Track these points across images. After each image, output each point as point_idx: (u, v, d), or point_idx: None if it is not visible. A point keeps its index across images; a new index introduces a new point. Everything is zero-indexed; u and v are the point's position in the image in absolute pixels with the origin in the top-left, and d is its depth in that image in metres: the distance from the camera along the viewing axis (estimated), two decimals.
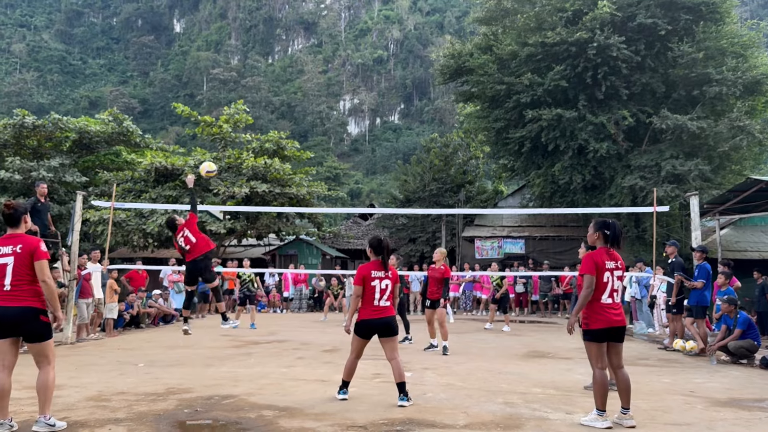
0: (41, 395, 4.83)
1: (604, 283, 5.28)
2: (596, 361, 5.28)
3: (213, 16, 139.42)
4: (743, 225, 21.77)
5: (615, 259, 5.41)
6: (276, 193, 21.89)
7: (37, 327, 4.81)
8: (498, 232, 24.18)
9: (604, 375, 5.26)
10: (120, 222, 20.24)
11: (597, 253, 5.41)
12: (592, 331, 5.29)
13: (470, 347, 11.10)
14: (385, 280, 6.10)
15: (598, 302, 5.29)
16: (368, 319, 6.08)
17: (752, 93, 19.40)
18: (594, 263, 5.31)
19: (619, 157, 19.85)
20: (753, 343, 9.24)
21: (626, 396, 5.29)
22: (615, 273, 5.34)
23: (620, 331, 5.33)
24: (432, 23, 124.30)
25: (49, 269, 4.99)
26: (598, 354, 5.29)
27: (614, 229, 5.45)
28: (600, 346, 5.29)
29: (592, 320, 5.29)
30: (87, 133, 24.20)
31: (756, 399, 6.60)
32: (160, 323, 15.31)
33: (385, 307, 6.10)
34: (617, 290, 5.35)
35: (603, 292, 5.28)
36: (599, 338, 5.28)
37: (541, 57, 19.87)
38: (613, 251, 5.45)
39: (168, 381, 7.19)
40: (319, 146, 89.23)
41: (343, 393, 6.17)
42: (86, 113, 43.83)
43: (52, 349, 4.95)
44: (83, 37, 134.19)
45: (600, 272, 5.29)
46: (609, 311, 5.26)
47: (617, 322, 5.27)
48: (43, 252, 4.90)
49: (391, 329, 6.11)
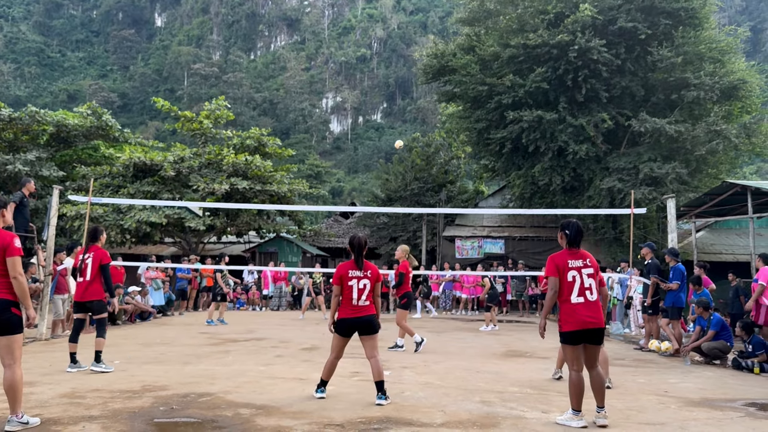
0: (10, 395, 4.71)
1: (569, 282, 5.23)
2: (571, 364, 5.25)
3: (195, 11, 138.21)
4: (718, 228, 22.12)
5: (582, 258, 5.34)
6: (257, 190, 21.78)
7: (6, 318, 4.68)
8: (478, 232, 24.29)
9: (580, 377, 5.22)
10: (97, 217, 19.99)
11: (558, 254, 5.38)
12: (565, 334, 5.25)
13: (449, 346, 11.14)
14: (363, 279, 6.08)
15: (568, 303, 5.23)
16: (347, 318, 6.07)
17: (729, 98, 19.71)
18: (555, 265, 5.28)
19: (598, 160, 20.05)
20: (726, 344, 9.39)
21: (600, 395, 5.27)
22: (584, 271, 5.26)
23: (595, 334, 5.21)
24: (415, 23, 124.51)
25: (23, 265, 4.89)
26: (572, 356, 5.24)
27: (572, 229, 5.41)
28: (574, 348, 5.22)
29: (564, 322, 5.24)
30: (65, 126, 23.86)
31: (728, 399, 6.70)
32: (137, 320, 15.14)
33: (365, 306, 6.07)
34: (590, 288, 5.24)
35: (571, 292, 5.21)
36: (573, 340, 5.21)
37: (523, 59, 19.99)
38: (582, 250, 5.40)
39: (144, 378, 7.13)
40: (300, 144, 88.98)
41: (320, 391, 6.15)
42: (64, 107, 43.29)
43: (20, 346, 4.81)
44: (62, 29, 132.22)
45: (563, 272, 5.25)
46: (581, 312, 5.16)
47: (591, 324, 5.15)
48: (16, 248, 4.78)
49: (371, 327, 6.08)
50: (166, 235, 23.30)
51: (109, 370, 7.57)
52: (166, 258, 22.87)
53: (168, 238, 24.55)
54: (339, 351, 6.17)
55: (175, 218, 20.67)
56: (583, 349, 5.25)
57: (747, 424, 5.52)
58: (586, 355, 5.28)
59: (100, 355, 7.68)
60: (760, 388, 7.53)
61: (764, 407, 6.37)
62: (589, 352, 5.28)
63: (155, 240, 22.36)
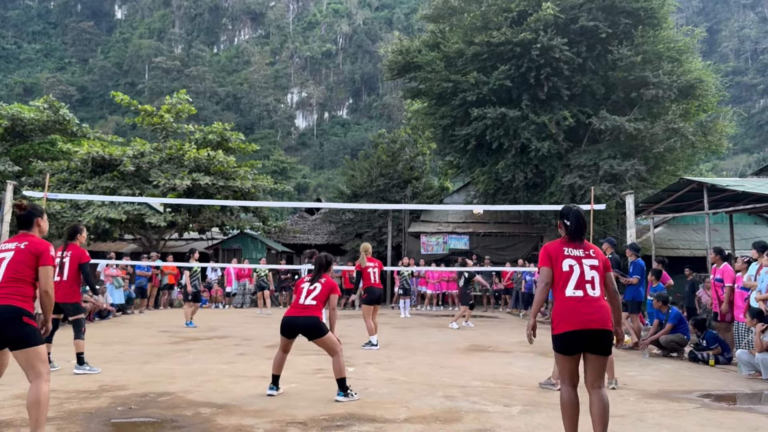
0: (32, 413, 4.16)
1: (564, 272, 4.19)
2: (562, 377, 4.15)
3: (156, 3, 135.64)
4: (676, 223, 22.65)
5: (584, 248, 4.34)
6: (219, 185, 21.49)
7: (19, 330, 4.18)
8: (443, 228, 24.41)
9: (572, 395, 4.09)
10: (54, 214, 19.46)
11: (552, 242, 4.45)
12: (557, 337, 4.12)
13: (413, 342, 11.18)
14: (316, 283, 6.23)
15: (562, 296, 4.16)
16: (289, 317, 6.12)
17: (686, 96, 20.15)
18: (546, 254, 4.31)
19: (560, 157, 20.32)
20: (683, 337, 9.64)
21: (601, 425, 4.03)
22: (585, 261, 4.23)
23: (599, 338, 4.03)
24: (381, 19, 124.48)
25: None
26: (565, 366, 4.12)
27: (573, 218, 4.39)
28: (569, 359, 4.09)
29: (557, 322, 4.13)
30: (20, 120, 23.14)
31: (684, 391, 6.87)
32: (96, 318, 14.81)
33: (310, 306, 6.11)
34: (591, 282, 4.16)
35: (567, 283, 4.15)
36: (568, 346, 4.07)
37: (487, 56, 20.12)
38: (586, 242, 4.41)
39: (101, 378, 6.97)
40: (265, 139, 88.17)
41: (272, 388, 6.15)
42: (20, 100, 42.01)
43: (44, 359, 4.30)
44: (18, 20, 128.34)
45: (557, 261, 4.24)
46: (579, 308, 4.06)
47: (592, 322, 4.02)
48: (50, 257, 4.42)
49: (313, 330, 6.01)
50: (125, 231, 22.84)
51: (95, 372, 7.35)
52: (125, 255, 22.43)
53: (128, 234, 24.08)
54: (285, 347, 6.22)
55: (134, 214, 20.26)
56: (585, 361, 4.12)
57: (702, 415, 5.66)
58: (589, 368, 4.11)
59: (83, 357, 7.45)
60: (715, 379, 7.74)
61: (719, 398, 6.55)
62: (593, 365, 4.10)
63: (114, 237, 21.89)
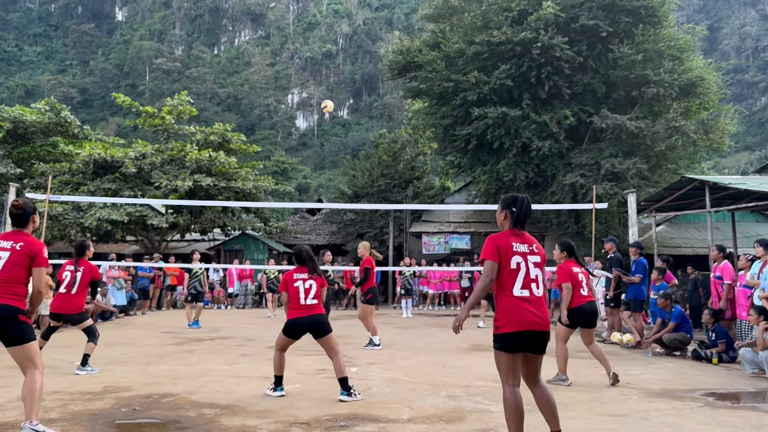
0: (28, 401, 4.48)
1: (512, 270, 4.05)
2: (506, 377, 4.06)
3: (156, 5, 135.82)
4: (678, 222, 22.62)
5: (528, 242, 4.22)
6: (221, 187, 21.50)
7: (15, 327, 4.51)
8: (445, 228, 24.40)
9: (517, 395, 4.03)
10: (56, 216, 19.51)
11: (500, 234, 4.23)
12: (502, 337, 4.02)
13: (415, 341, 11.18)
14: (309, 280, 6.21)
15: (509, 297, 4.04)
16: (297, 318, 6.11)
17: (687, 95, 20.13)
18: (495, 247, 4.09)
19: (561, 156, 20.31)
20: (686, 336, 9.63)
21: (553, 416, 4.13)
22: (530, 258, 4.14)
23: (540, 339, 4.05)
24: (381, 19, 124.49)
25: None
26: (508, 366, 4.04)
27: (521, 206, 4.26)
28: (512, 357, 4.02)
29: (503, 321, 4.02)
30: (22, 122, 23.19)
31: (688, 390, 6.86)
32: (98, 320, 14.81)
33: (313, 305, 6.14)
34: (536, 280, 4.10)
35: (514, 282, 4.04)
36: (512, 346, 4.01)
37: (488, 56, 20.12)
38: (526, 234, 4.28)
39: (105, 379, 6.98)
40: (266, 140, 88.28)
41: (279, 390, 6.18)
42: (22, 102, 42.09)
43: (38, 353, 4.65)
44: (19, 22, 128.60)
45: (506, 257, 4.06)
46: (525, 309, 4.00)
47: (536, 324, 3.99)
48: (44, 259, 4.66)
49: (322, 327, 6.13)
50: (127, 233, 22.86)
51: (94, 372, 7.48)
52: (127, 257, 22.44)
53: (130, 236, 24.09)
54: (283, 347, 6.26)
55: (136, 216, 20.28)
56: (524, 360, 4.11)
57: (706, 414, 5.65)
58: (528, 366, 4.14)
59: (88, 358, 7.60)
60: (718, 378, 7.73)
61: (723, 397, 6.54)
62: (532, 363, 4.14)
63: (117, 238, 21.93)
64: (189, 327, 13.28)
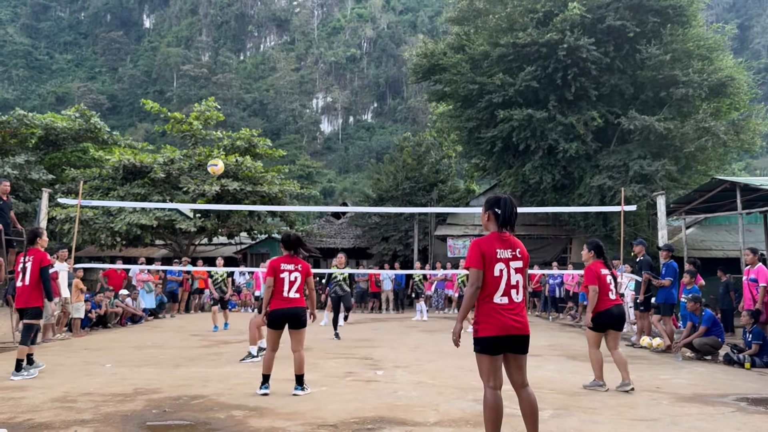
0: None
1: (495, 278, 4.11)
2: (487, 378, 4.13)
3: (183, 12, 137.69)
4: (708, 224, 22.25)
5: (512, 247, 4.22)
6: (247, 191, 21.72)
7: None
8: (470, 231, 24.34)
9: (497, 397, 4.10)
10: (87, 220, 19.88)
11: (485, 239, 4.24)
12: (482, 340, 4.11)
13: (441, 345, 11.14)
14: (295, 272, 6.41)
15: (489, 303, 4.12)
16: (278, 309, 6.33)
17: (717, 95, 19.80)
18: (480, 254, 4.13)
19: (588, 157, 20.11)
20: (717, 340, 9.45)
21: (533, 423, 4.18)
22: (512, 264, 4.17)
23: (519, 341, 4.11)
24: (405, 22, 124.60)
25: None
26: (489, 369, 4.11)
27: (506, 207, 4.24)
28: (493, 359, 4.09)
29: (483, 326, 4.11)
30: (53, 129, 23.73)
31: (719, 394, 6.74)
32: (128, 323, 15.07)
33: (295, 299, 6.38)
34: (516, 286, 4.16)
35: (496, 290, 4.11)
36: (491, 349, 4.08)
37: (513, 57, 20.02)
38: (510, 237, 4.27)
39: (136, 381, 7.09)
40: (291, 144, 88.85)
41: (264, 387, 6.36)
42: (53, 109, 42.97)
43: None
44: (50, 31, 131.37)
45: (490, 264, 4.12)
46: (504, 314, 4.08)
47: (515, 329, 4.07)
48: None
49: (299, 320, 6.38)
50: (156, 237, 23.21)
51: (31, 376, 7.25)
52: (156, 260, 22.77)
53: (158, 240, 24.45)
54: (274, 344, 6.44)
55: (165, 220, 20.59)
56: (506, 361, 4.19)
57: (738, 419, 5.55)
58: (511, 367, 4.20)
59: (22, 363, 7.33)
60: (751, 383, 7.58)
61: (755, 402, 6.41)
62: (515, 364, 4.18)
63: (146, 242, 22.27)
64: (214, 331, 13.43)
